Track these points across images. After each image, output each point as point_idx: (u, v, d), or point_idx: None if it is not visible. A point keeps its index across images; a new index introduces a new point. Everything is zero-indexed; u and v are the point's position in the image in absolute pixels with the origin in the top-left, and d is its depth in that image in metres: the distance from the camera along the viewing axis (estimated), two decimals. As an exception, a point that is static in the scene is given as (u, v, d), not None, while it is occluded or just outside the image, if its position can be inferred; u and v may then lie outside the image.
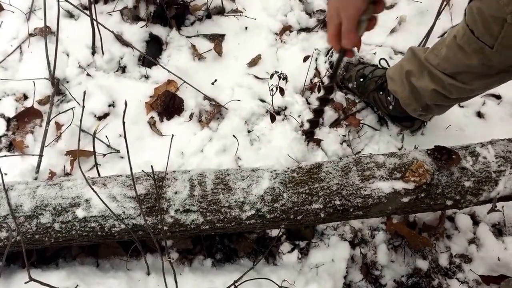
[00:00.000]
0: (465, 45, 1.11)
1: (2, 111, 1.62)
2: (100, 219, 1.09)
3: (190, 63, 1.75)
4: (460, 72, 1.19)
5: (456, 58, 1.16)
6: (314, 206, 1.11)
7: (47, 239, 1.09)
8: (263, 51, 1.80)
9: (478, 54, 1.09)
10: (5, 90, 1.66)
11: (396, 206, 1.12)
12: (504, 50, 1.04)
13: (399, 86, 1.44)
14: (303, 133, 1.56)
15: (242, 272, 1.23)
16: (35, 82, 1.62)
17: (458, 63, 1.17)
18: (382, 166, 1.13)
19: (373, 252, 1.47)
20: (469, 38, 1.09)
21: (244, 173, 1.15)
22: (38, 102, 1.62)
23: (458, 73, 1.20)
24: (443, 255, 1.48)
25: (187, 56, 1.76)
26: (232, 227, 1.12)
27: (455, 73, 1.21)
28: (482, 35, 1.05)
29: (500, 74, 1.14)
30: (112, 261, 1.29)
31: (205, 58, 1.77)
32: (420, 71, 1.32)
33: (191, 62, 1.75)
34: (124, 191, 1.10)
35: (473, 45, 1.09)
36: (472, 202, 1.15)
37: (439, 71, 1.24)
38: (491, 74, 1.14)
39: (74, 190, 1.11)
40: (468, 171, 1.13)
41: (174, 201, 1.09)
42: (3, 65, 1.71)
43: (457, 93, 1.26)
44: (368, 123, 1.68)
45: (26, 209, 1.08)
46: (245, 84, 1.71)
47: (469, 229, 1.53)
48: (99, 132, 1.54)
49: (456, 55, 1.15)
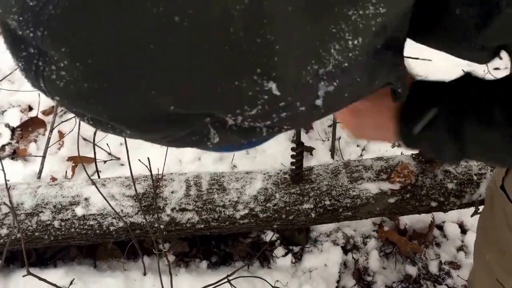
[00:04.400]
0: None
1: (7, 121, 1.68)
2: (98, 217, 1.13)
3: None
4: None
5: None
6: (305, 206, 1.16)
7: (46, 237, 1.14)
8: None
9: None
10: (11, 102, 1.74)
11: (383, 206, 1.17)
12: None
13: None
14: (289, 177, 1.26)
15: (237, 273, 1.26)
16: (40, 93, 1.69)
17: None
18: (370, 168, 1.19)
19: (365, 258, 1.51)
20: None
21: (238, 175, 1.20)
22: (42, 113, 1.69)
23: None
24: (433, 262, 1.52)
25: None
26: (227, 227, 1.17)
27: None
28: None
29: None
30: (109, 263, 1.33)
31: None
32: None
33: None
34: (122, 190, 1.15)
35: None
36: (456, 204, 1.20)
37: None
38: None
39: (74, 189, 1.16)
40: (451, 174, 1.19)
41: (170, 200, 1.14)
42: (10, 78, 1.79)
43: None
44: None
45: (27, 206, 1.13)
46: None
47: (457, 237, 1.58)
48: (101, 140, 1.60)
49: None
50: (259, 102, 0.33)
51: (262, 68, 0.31)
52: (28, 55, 0.32)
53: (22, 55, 0.32)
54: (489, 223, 0.94)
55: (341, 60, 0.34)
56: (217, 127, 0.38)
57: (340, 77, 0.35)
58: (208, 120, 0.36)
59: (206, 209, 1.15)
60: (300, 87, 0.34)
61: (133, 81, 0.31)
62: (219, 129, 0.38)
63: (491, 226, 0.93)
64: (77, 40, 0.29)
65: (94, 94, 0.32)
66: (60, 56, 0.30)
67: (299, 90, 0.34)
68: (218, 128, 0.38)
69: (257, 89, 0.32)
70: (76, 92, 0.32)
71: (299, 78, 0.33)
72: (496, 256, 0.85)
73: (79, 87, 0.31)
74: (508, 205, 0.83)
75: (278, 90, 0.32)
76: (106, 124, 0.36)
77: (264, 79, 0.31)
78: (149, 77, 0.31)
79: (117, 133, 0.38)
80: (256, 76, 0.31)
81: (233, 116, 0.35)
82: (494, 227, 0.92)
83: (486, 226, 0.96)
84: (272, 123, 0.37)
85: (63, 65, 0.31)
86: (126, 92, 0.32)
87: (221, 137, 0.39)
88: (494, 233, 0.91)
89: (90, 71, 0.30)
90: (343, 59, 0.34)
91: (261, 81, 0.31)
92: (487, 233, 0.95)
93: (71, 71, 0.31)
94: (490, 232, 0.94)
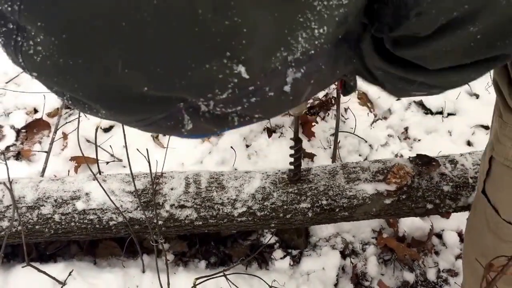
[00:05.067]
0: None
1: (13, 123, 1.71)
2: (98, 212, 1.15)
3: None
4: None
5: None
6: (302, 205, 1.17)
7: (47, 230, 1.15)
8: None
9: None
10: (17, 105, 1.77)
11: (379, 207, 1.18)
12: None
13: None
14: (287, 177, 1.29)
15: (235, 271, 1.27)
16: (45, 95, 1.73)
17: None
18: (367, 170, 1.20)
19: (363, 263, 1.51)
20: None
21: (237, 174, 1.22)
22: (47, 115, 1.73)
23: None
24: (431, 270, 1.52)
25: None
26: (225, 224, 1.18)
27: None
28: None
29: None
30: (109, 260, 1.35)
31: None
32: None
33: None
34: (122, 186, 1.17)
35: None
36: (451, 207, 1.21)
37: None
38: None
39: (75, 184, 1.18)
40: (447, 177, 1.20)
41: (169, 196, 1.16)
42: (16, 81, 1.83)
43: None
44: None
45: (28, 200, 1.15)
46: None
47: (456, 246, 1.58)
48: (104, 142, 1.62)
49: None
50: (229, 86, 0.35)
51: (231, 51, 0.32)
52: (7, 30, 0.34)
53: (2, 31, 0.34)
54: (473, 226, 0.95)
55: (308, 48, 0.36)
56: (190, 113, 0.39)
57: (307, 64, 0.37)
58: (182, 105, 0.37)
59: (204, 206, 1.16)
60: (269, 72, 0.36)
61: (106, 59, 0.32)
62: (192, 115, 0.39)
63: (474, 230, 0.94)
64: (52, 15, 0.31)
65: (69, 70, 0.33)
66: (37, 30, 0.32)
67: (268, 75, 0.36)
68: (191, 114, 0.39)
69: (227, 72, 0.33)
70: (53, 68, 0.33)
71: (268, 63, 0.35)
72: (481, 260, 0.85)
73: (54, 63, 0.33)
74: (488, 209, 0.84)
75: (247, 74, 0.34)
76: (84, 103, 0.38)
77: (234, 62, 0.33)
78: (121, 55, 0.32)
79: (93, 113, 0.39)
80: (226, 59, 0.33)
81: (205, 101, 0.36)
82: (476, 230, 0.93)
83: (471, 230, 0.97)
84: (242, 109, 0.38)
85: (40, 40, 0.32)
86: (99, 69, 0.33)
87: (195, 124, 0.40)
88: (478, 237, 0.92)
89: (65, 46, 0.32)
90: (310, 46, 0.36)
91: (231, 64, 0.33)
92: (472, 237, 0.96)
93: (47, 45, 0.32)
94: (474, 236, 0.94)
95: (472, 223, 0.97)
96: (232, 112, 0.39)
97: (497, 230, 0.84)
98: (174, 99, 0.37)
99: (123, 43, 0.31)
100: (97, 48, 0.32)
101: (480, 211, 0.89)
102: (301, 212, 1.18)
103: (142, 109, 0.38)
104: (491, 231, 0.86)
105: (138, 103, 0.36)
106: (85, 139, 1.62)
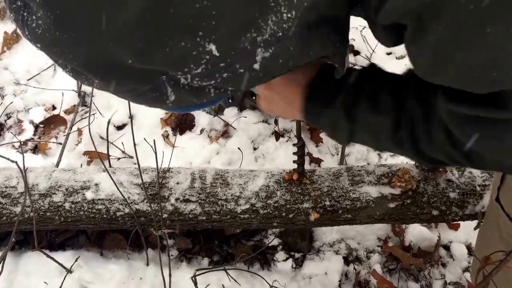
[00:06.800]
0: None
1: (32, 118, 1.78)
2: (106, 202, 1.18)
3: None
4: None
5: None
6: (305, 205, 1.18)
7: (57, 218, 1.19)
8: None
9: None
10: (36, 101, 1.84)
11: (383, 211, 1.18)
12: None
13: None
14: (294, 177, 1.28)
15: (237, 272, 1.28)
16: (64, 93, 1.79)
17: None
18: (372, 173, 1.21)
19: (367, 271, 1.50)
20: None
21: (242, 172, 1.24)
22: (64, 112, 1.78)
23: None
24: (437, 282, 1.50)
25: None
26: (228, 220, 1.20)
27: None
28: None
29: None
30: (115, 252, 1.38)
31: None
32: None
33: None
34: (130, 178, 1.21)
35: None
36: (458, 214, 1.20)
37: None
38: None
39: (86, 175, 1.22)
40: (454, 183, 1.19)
41: (175, 190, 1.19)
42: (37, 79, 1.90)
43: None
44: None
45: (41, 188, 1.19)
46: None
47: (464, 258, 1.56)
48: (117, 139, 1.67)
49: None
50: (202, 62, 0.39)
51: (203, 31, 0.36)
52: (17, 7, 0.39)
53: (13, 7, 0.39)
54: (483, 237, 0.94)
55: (277, 30, 0.39)
56: (172, 85, 0.43)
57: (275, 44, 0.41)
58: (165, 78, 0.42)
59: (208, 201, 1.18)
60: (238, 51, 0.40)
61: (95, 32, 0.37)
62: (174, 87, 0.43)
63: (484, 240, 0.93)
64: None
65: (64, 42, 0.38)
66: (37, 6, 0.37)
67: (237, 53, 0.40)
68: (173, 86, 0.43)
69: (200, 49, 0.38)
70: (51, 39, 0.38)
71: (237, 43, 0.39)
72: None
73: (52, 35, 0.38)
74: (501, 218, 0.83)
75: (217, 52, 0.38)
76: (81, 74, 0.42)
77: (206, 41, 0.37)
78: (107, 30, 0.36)
79: (89, 83, 0.44)
80: (198, 38, 0.37)
81: (183, 74, 0.41)
82: (486, 241, 0.91)
83: (481, 241, 0.95)
84: (216, 82, 0.43)
85: (40, 15, 0.37)
86: (90, 42, 0.38)
87: (177, 95, 0.45)
88: (487, 248, 0.90)
89: (59, 20, 0.37)
90: (278, 29, 0.39)
91: (203, 42, 0.37)
92: (481, 248, 0.95)
93: (45, 20, 0.37)
94: (484, 246, 0.93)
95: (482, 234, 0.95)
96: (208, 85, 0.43)
97: (510, 239, 0.82)
98: (156, 72, 0.41)
99: (108, 20, 0.35)
100: (86, 23, 0.36)
101: (492, 220, 0.86)
102: (304, 212, 1.19)
103: (129, 80, 0.42)
104: (503, 240, 0.83)
105: (126, 74, 0.41)
106: (99, 135, 1.67)
